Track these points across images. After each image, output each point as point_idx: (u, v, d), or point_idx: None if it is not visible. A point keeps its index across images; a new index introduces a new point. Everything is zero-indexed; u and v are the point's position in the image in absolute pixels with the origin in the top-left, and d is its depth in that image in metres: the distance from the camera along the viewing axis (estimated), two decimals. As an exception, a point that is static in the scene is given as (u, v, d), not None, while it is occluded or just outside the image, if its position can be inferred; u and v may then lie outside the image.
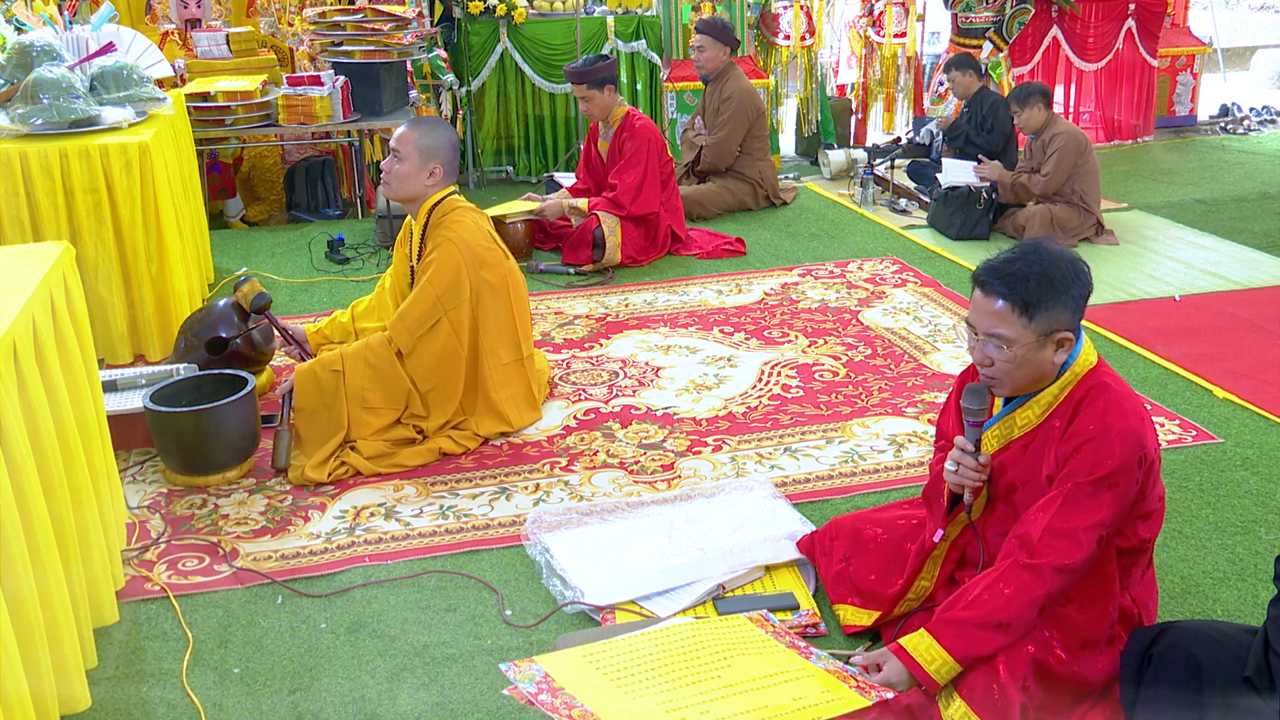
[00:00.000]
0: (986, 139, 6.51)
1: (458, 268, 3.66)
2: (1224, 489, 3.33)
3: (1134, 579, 2.42)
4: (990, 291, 2.29)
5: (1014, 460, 2.42)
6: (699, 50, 6.50)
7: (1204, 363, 4.24)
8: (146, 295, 4.34)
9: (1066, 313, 2.26)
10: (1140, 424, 2.27)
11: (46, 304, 2.62)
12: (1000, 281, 2.27)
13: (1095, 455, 2.23)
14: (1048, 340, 2.28)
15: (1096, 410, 2.27)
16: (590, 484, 3.47)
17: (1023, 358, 2.29)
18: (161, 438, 3.49)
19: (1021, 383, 2.35)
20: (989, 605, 2.26)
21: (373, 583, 2.97)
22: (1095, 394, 2.30)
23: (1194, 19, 9.06)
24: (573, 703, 2.23)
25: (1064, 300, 2.25)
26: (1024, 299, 2.25)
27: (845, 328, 4.70)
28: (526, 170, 7.64)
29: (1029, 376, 2.33)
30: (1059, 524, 2.25)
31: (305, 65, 6.81)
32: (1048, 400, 2.35)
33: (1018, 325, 2.26)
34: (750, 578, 2.89)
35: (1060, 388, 2.34)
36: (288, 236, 6.17)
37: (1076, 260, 2.31)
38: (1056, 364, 2.31)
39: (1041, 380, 2.34)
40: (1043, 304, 2.24)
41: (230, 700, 2.54)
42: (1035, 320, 2.25)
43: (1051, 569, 2.23)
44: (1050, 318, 2.25)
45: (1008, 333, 2.27)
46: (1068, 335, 2.28)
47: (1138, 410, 2.29)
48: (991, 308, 2.29)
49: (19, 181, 4.12)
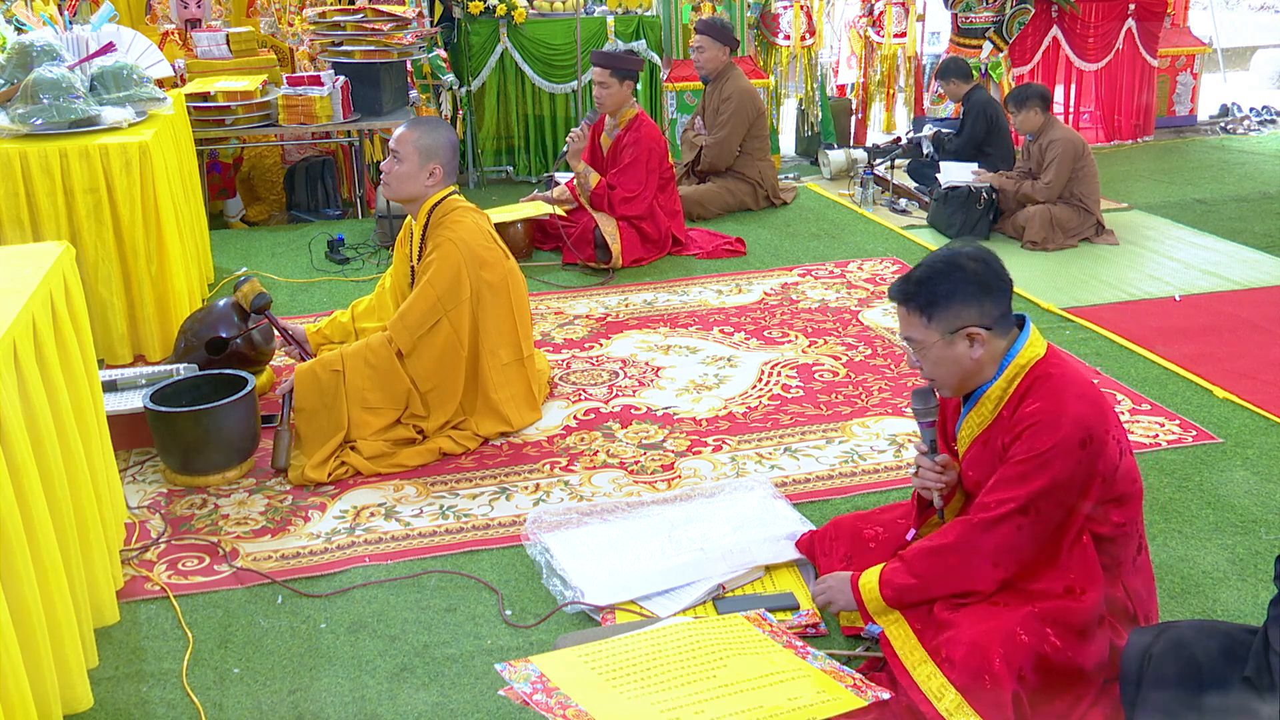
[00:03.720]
0: (956, 142, 6.55)
1: (458, 268, 3.66)
2: (1224, 489, 3.33)
3: (1125, 567, 2.43)
4: (896, 300, 2.47)
5: (978, 458, 2.49)
6: (699, 50, 6.50)
7: (1204, 363, 4.24)
8: (146, 295, 4.34)
9: (969, 309, 2.37)
10: (1086, 407, 2.33)
11: (46, 304, 2.62)
12: (901, 291, 2.44)
13: (1032, 438, 2.33)
14: (955, 338, 2.39)
15: (1037, 398, 2.36)
16: (590, 484, 3.47)
17: (937, 356, 2.42)
18: (161, 438, 3.49)
19: (952, 380, 2.45)
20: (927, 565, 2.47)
21: (373, 583, 2.97)
22: (1040, 384, 2.38)
23: (1194, 19, 9.06)
24: (567, 702, 2.23)
25: (962, 298, 2.37)
26: (920, 302, 2.40)
27: (845, 328, 4.70)
28: (526, 170, 7.64)
29: (956, 373, 2.44)
30: (983, 498, 2.39)
31: (305, 65, 6.81)
32: (997, 395, 2.43)
33: (921, 327, 2.41)
34: (750, 578, 2.89)
35: (1007, 381, 2.42)
36: (288, 236, 6.17)
37: (980, 257, 2.41)
38: (976, 359, 2.40)
39: (976, 376, 2.44)
40: (939, 304, 2.38)
41: (230, 700, 2.54)
42: (935, 320, 2.39)
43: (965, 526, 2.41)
44: (950, 316, 2.38)
45: (916, 335, 2.43)
46: (977, 330, 2.38)
47: (1084, 394, 2.35)
48: (901, 315, 2.47)
49: (19, 181, 4.12)
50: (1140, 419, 3.79)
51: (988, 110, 6.49)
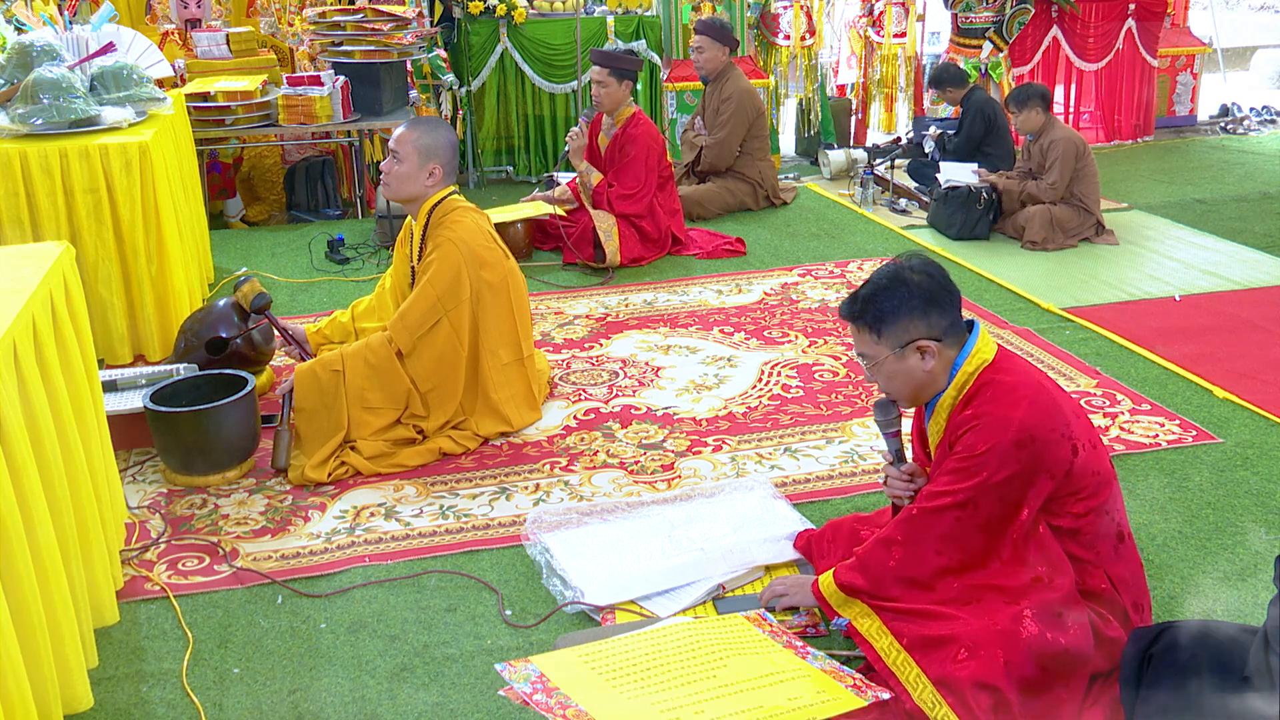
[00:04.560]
0: (954, 141, 6.56)
1: (458, 268, 3.66)
2: (1224, 489, 3.33)
3: (1106, 556, 2.46)
4: (845, 319, 2.53)
5: (939, 463, 2.52)
6: (699, 50, 6.50)
7: (1204, 363, 4.24)
8: (146, 295, 4.34)
9: (918, 322, 2.43)
10: (1027, 409, 2.37)
11: (46, 304, 2.62)
12: (849, 309, 2.50)
13: (972, 439, 2.38)
14: (906, 351, 2.44)
15: (977, 403, 2.42)
16: (590, 484, 3.47)
17: (891, 370, 2.48)
18: (161, 438, 3.49)
19: (906, 392, 2.52)
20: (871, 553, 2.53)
21: (373, 583, 2.97)
22: (984, 389, 2.43)
23: (1194, 19, 9.06)
24: (567, 702, 2.23)
25: (910, 312, 2.42)
26: (869, 319, 2.46)
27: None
28: (526, 170, 7.64)
29: (910, 385, 2.50)
30: (927, 489, 2.49)
31: (305, 65, 6.81)
32: (948, 403, 2.49)
33: (872, 343, 2.47)
34: (750, 578, 2.89)
35: (956, 389, 2.47)
36: (288, 236, 6.17)
37: (925, 270, 2.46)
38: (928, 370, 2.45)
39: (930, 387, 2.50)
40: (887, 320, 2.43)
41: (230, 700, 2.54)
42: (885, 336, 2.45)
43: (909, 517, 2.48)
44: (899, 330, 2.43)
45: (867, 351, 2.49)
46: (926, 343, 2.42)
47: (1027, 396, 2.39)
48: (852, 333, 2.53)
49: (19, 181, 4.12)
50: (1140, 419, 3.79)
51: (986, 110, 6.49)
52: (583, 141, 5.63)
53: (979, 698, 2.22)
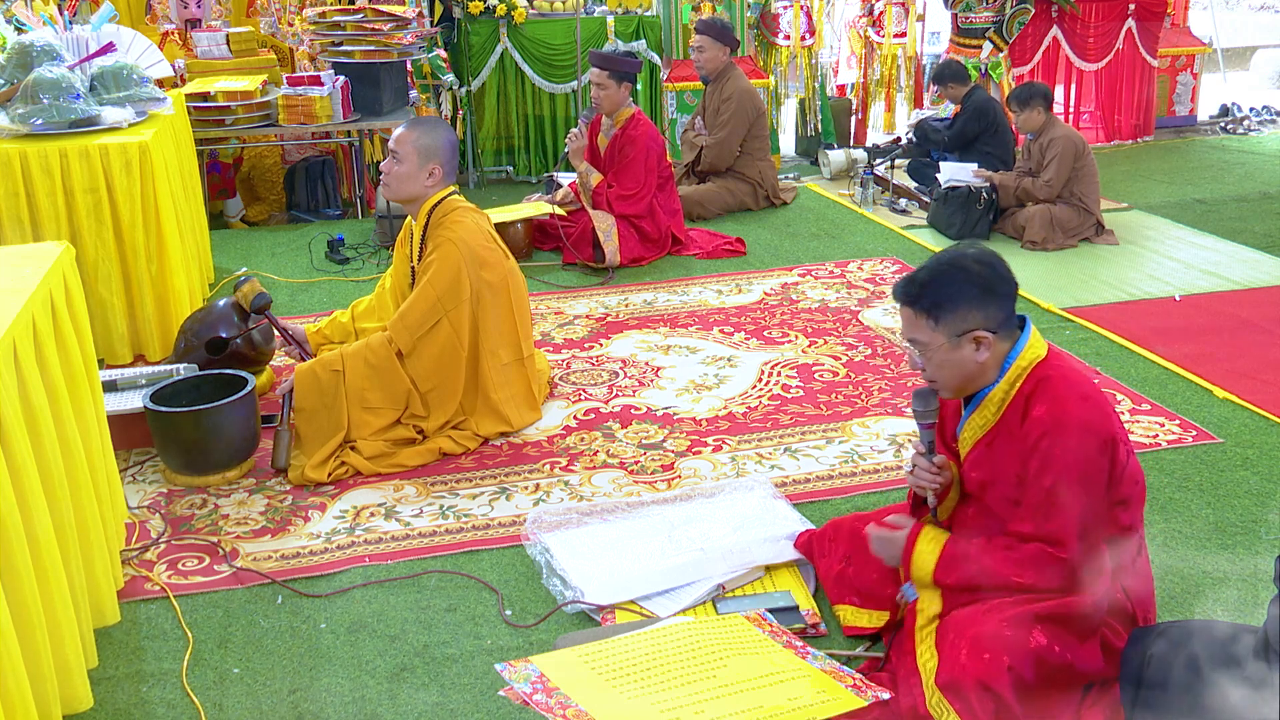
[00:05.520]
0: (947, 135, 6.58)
1: (458, 268, 3.66)
2: (1224, 489, 3.33)
3: (1125, 569, 2.42)
4: (901, 302, 2.43)
5: (981, 459, 2.47)
6: (699, 50, 6.50)
7: (1204, 363, 4.24)
8: (146, 295, 4.34)
9: (975, 312, 2.35)
10: (1094, 410, 2.32)
11: (46, 304, 2.62)
12: (906, 292, 2.40)
13: (1056, 451, 2.30)
14: (961, 341, 2.36)
15: (1046, 403, 2.34)
16: (590, 484, 3.47)
17: (942, 359, 2.39)
18: (161, 438, 3.49)
19: (954, 383, 2.43)
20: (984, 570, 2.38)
21: (373, 583, 2.97)
22: (1044, 387, 2.36)
23: (1194, 19, 9.05)
24: (567, 702, 2.23)
25: (970, 302, 2.34)
26: (927, 306, 2.36)
27: (845, 328, 4.70)
28: (526, 170, 7.64)
29: (958, 376, 2.41)
30: (1044, 528, 2.32)
31: (305, 65, 6.81)
32: (999, 398, 2.42)
33: (927, 330, 2.37)
34: (750, 578, 2.89)
35: (1009, 384, 2.40)
36: (288, 236, 6.17)
37: (988, 260, 2.38)
38: (981, 362, 2.38)
39: (979, 379, 2.42)
40: (945, 307, 2.34)
41: (230, 700, 2.54)
42: (942, 323, 2.35)
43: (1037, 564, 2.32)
44: (957, 319, 2.34)
45: (921, 338, 2.39)
46: (983, 334, 2.35)
47: (1090, 396, 2.35)
48: (905, 316, 2.43)
49: (19, 181, 4.12)
50: (1140, 419, 3.79)
51: (986, 108, 6.49)
52: (582, 143, 5.64)
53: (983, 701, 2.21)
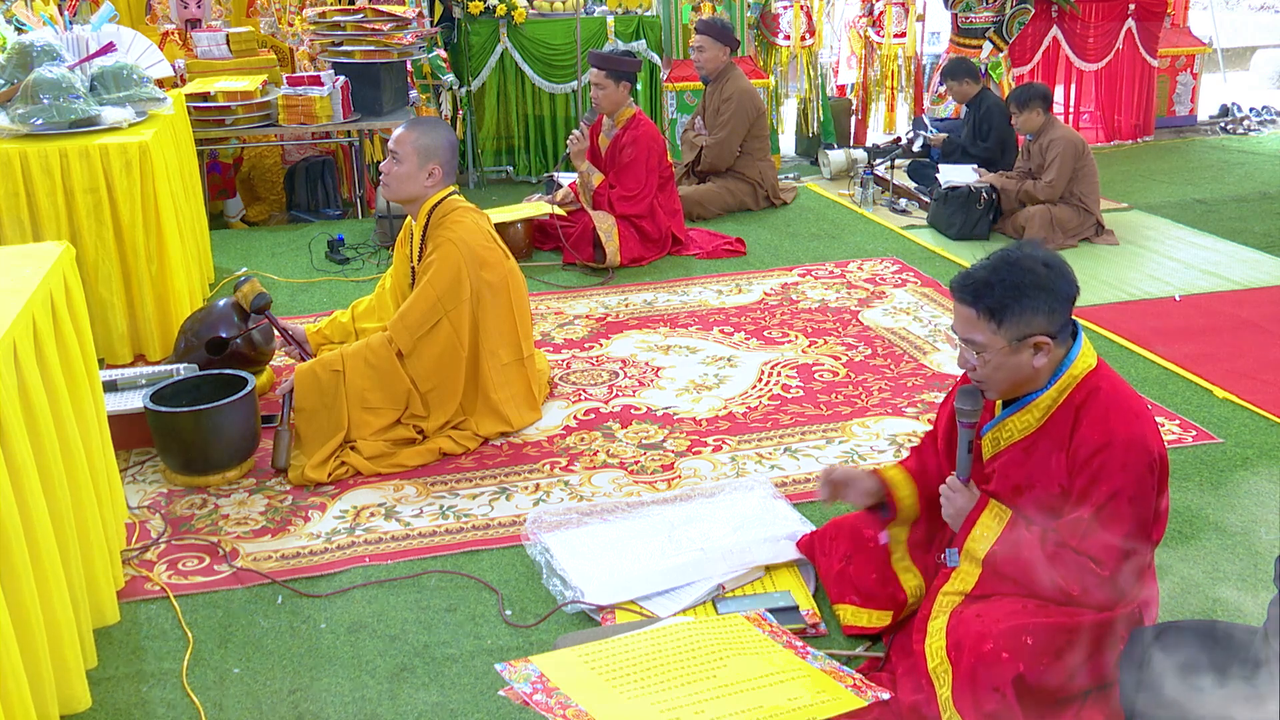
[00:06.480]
0: (983, 148, 6.54)
1: (458, 268, 3.66)
2: (1224, 489, 3.34)
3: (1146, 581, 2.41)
4: (962, 300, 2.34)
5: (1018, 463, 2.41)
6: (699, 50, 6.50)
7: (1204, 363, 4.24)
8: (146, 295, 4.34)
9: (1039, 317, 2.28)
10: (1145, 427, 2.29)
11: (46, 304, 2.62)
12: (969, 290, 2.32)
13: (1108, 469, 2.25)
14: (1022, 345, 2.29)
15: (1098, 417, 2.29)
16: (590, 484, 3.47)
17: (999, 362, 2.32)
18: (161, 438, 3.49)
19: (1005, 385, 2.36)
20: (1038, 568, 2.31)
21: (373, 583, 2.97)
22: (1094, 399, 2.30)
23: (1194, 19, 9.06)
24: (567, 702, 2.23)
25: (1034, 305, 2.27)
26: (990, 306, 2.28)
27: (845, 328, 4.70)
28: (526, 170, 7.64)
29: (1011, 379, 2.35)
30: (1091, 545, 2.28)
31: (305, 65, 6.81)
32: (1046, 404, 2.36)
33: (988, 331, 2.30)
34: (750, 578, 2.89)
35: (1059, 391, 2.34)
36: (288, 236, 6.17)
37: (1053, 263, 2.32)
38: (1037, 367, 2.32)
39: (1029, 383, 2.36)
40: (1010, 310, 2.27)
41: (230, 700, 2.54)
42: (1005, 326, 2.28)
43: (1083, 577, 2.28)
44: (1021, 323, 2.28)
45: (980, 339, 2.31)
46: (1044, 339, 2.29)
47: (1139, 413, 2.30)
48: (964, 315, 2.34)
49: (19, 181, 4.12)
50: (1140, 419, 3.79)
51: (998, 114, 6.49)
52: (584, 145, 5.64)
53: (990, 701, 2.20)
